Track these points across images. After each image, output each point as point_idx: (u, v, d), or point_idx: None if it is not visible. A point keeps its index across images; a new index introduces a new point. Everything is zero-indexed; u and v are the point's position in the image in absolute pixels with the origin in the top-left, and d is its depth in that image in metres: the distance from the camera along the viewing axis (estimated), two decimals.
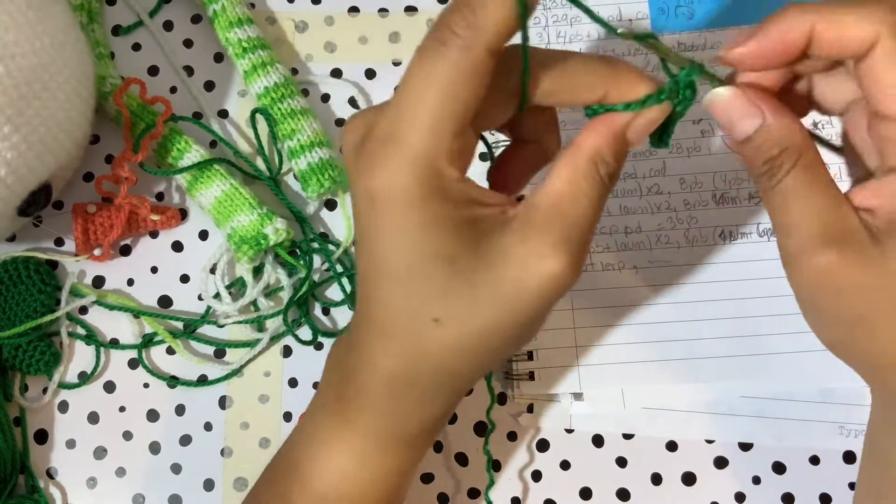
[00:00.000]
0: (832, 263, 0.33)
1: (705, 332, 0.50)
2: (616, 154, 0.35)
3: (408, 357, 0.36)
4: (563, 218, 0.34)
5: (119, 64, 0.54)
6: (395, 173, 0.33)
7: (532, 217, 0.34)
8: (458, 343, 0.35)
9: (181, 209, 0.53)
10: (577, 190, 0.34)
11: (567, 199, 0.34)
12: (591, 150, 0.34)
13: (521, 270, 0.33)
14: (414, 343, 0.35)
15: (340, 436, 0.39)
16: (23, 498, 0.48)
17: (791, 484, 0.49)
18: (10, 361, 0.49)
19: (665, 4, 0.53)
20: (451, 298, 0.34)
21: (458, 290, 0.34)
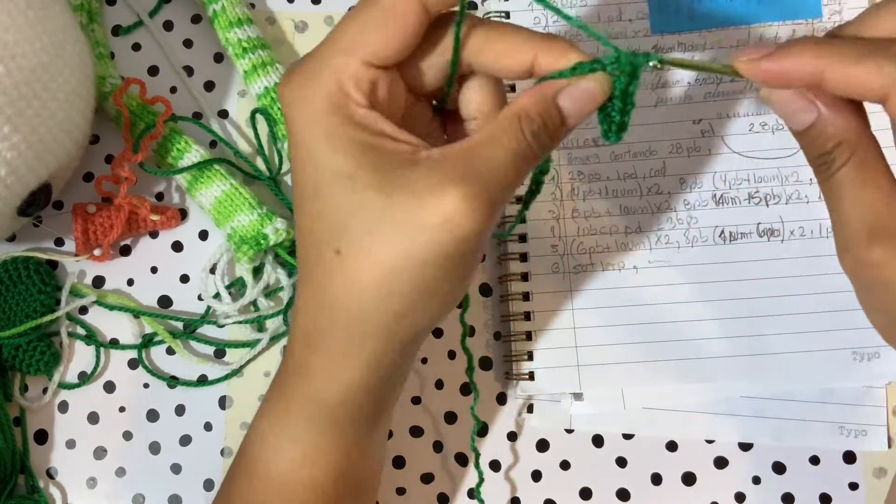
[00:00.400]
0: (880, 259, 0.34)
1: (705, 332, 0.50)
2: (542, 114, 0.35)
3: (318, 299, 0.36)
4: (473, 161, 0.34)
5: (119, 64, 0.54)
6: (304, 86, 0.35)
7: (442, 156, 0.34)
8: (360, 278, 0.34)
9: (181, 209, 0.53)
10: (493, 139, 0.34)
11: (481, 146, 0.34)
12: (516, 106, 0.35)
13: (417, 201, 0.33)
14: (322, 283, 0.35)
15: (273, 414, 0.39)
16: (23, 498, 0.48)
17: (791, 484, 0.49)
18: (10, 361, 0.49)
19: (665, 4, 0.53)
20: (351, 225, 0.34)
21: (357, 215, 0.34)
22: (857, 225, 0.34)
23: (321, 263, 0.35)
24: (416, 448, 0.50)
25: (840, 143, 0.34)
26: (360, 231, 0.34)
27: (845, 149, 0.34)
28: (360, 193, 0.34)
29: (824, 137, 0.35)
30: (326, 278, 0.35)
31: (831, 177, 0.35)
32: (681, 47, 0.52)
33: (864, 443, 0.49)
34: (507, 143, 0.34)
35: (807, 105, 0.35)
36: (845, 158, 0.34)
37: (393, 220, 0.33)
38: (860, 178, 0.34)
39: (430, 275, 0.34)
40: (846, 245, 0.35)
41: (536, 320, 0.50)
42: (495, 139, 0.34)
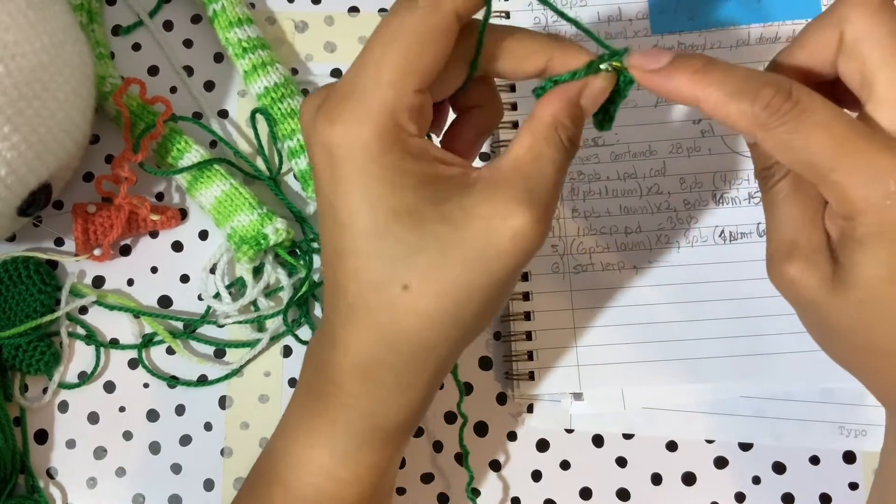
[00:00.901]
0: (794, 276, 0.35)
1: (705, 332, 0.50)
2: (574, 118, 0.36)
3: (380, 334, 0.35)
4: (526, 177, 0.34)
5: (119, 64, 0.54)
6: (354, 125, 0.33)
7: (495, 178, 0.34)
8: (431, 310, 0.34)
9: (181, 209, 0.53)
10: (538, 152, 0.35)
11: (529, 161, 0.35)
12: (550, 115, 0.35)
13: (487, 229, 0.33)
14: (385, 317, 0.35)
15: (318, 434, 0.38)
16: (23, 498, 0.48)
17: (791, 484, 0.49)
18: (10, 361, 0.49)
19: (665, 4, 0.53)
20: (419, 260, 0.34)
21: (425, 250, 0.34)
22: (781, 238, 0.36)
23: (383, 299, 0.34)
24: (416, 448, 0.50)
25: (778, 160, 0.35)
26: (430, 265, 0.34)
27: (782, 166, 0.36)
28: (425, 228, 0.33)
29: (766, 154, 0.36)
30: (390, 314, 0.35)
31: (769, 190, 0.36)
32: (680, 47, 0.52)
33: (864, 443, 0.49)
34: (552, 155, 0.35)
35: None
36: (782, 174, 0.36)
37: (464, 252, 0.34)
38: (792, 195, 0.36)
39: (495, 296, 0.35)
40: (771, 257, 0.36)
41: (536, 320, 0.50)
42: (540, 153, 0.35)
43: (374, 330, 0.35)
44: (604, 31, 0.53)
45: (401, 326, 0.35)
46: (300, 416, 0.39)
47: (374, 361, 0.36)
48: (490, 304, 0.36)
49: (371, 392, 0.37)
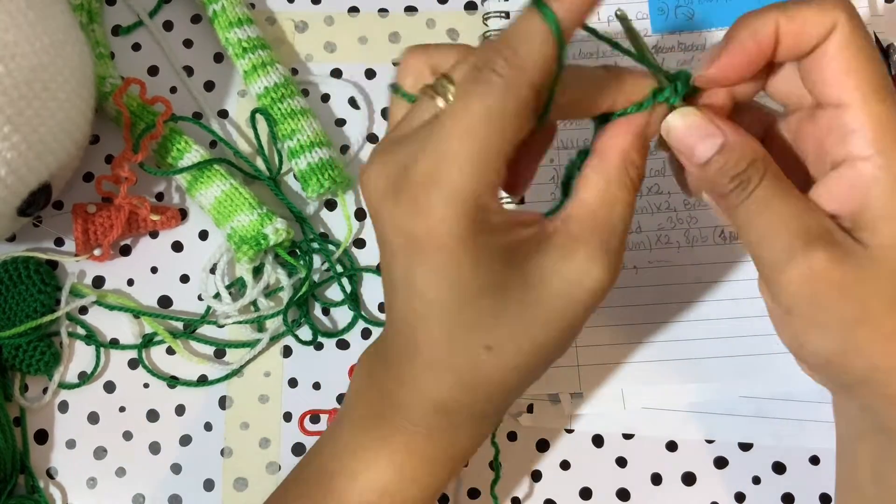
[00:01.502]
0: (822, 263, 0.33)
1: (705, 332, 0.50)
2: (641, 152, 0.36)
3: (462, 386, 0.36)
4: (602, 228, 0.35)
5: (119, 64, 0.54)
6: (440, 214, 0.32)
7: (571, 231, 0.35)
8: (513, 364, 0.36)
9: (181, 209, 0.53)
10: (611, 197, 0.35)
11: (603, 209, 0.35)
12: (619, 154, 0.35)
13: (568, 286, 0.34)
14: (468, 373, 0.36)
15: (380, 452, 0.39)
16: (23, 498, 0.48)
17: (791, 484, 0.49)
18: (10, 361, 0.49)
19: (665, 4, 0.53)
20: (504, 324, 0.35)
21: (510, 314, 0.34)
22: (789, 236, 0.34)
23: (466, 359, 0.35)
24: None
25: (754, 160, 0.35)
26: (515, 328, 0.35)
27: (759, 164, 0.35)
28: (511, 298, 0.34)
29: (736, 158, 0.35)
30: (473, 368, 0.36)
31: (749, 196, 0.35)
32: (680, 47, 0.52)
33: None
34: (623, 197, 0.35)
35: (712, 130, 0.35)
36: (762, 174, 0.34)
37: (546, 311, 0.35)
38: (780, 190, 0.35)
39: (570, 338, 0.37)
40: (778, 262, 0.34)
41: None
42: (613, 198, 0.35)
43: (456, 381, 0.36)
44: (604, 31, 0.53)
45: (482, 378, 0.36)
46: (360, 432, 0.40)
47: (454, 406, 0.37)
48: (564, 347, 0.37)
49: (448, 429, 0.38)
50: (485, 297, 0.34)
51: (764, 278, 0.36)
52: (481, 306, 0.34)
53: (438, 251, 0.33)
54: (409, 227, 0.33)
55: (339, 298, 0.52)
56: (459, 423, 0.38)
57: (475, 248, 0.33)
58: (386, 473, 0.39)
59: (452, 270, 0.33)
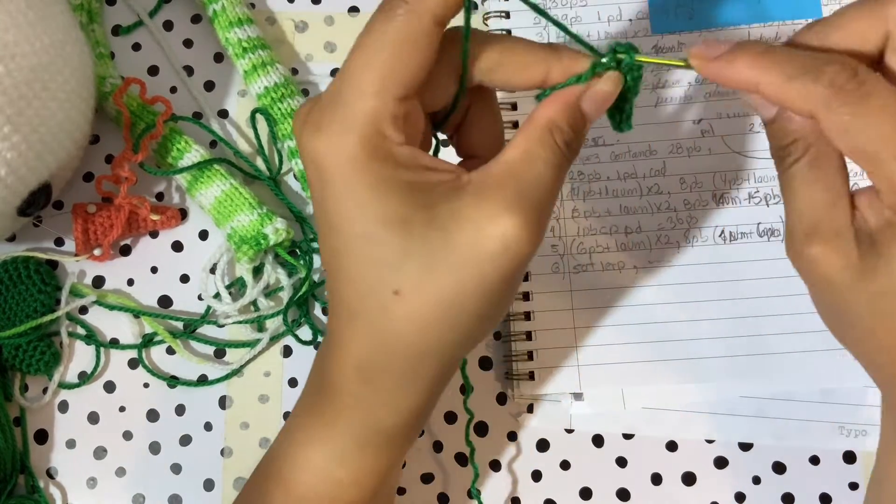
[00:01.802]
0: (815, 255, 0.34)
1: (705, 332, 0.50)
2: (571, 122, 0.35)
3: (375, 338, 0.35)
4: (518, 180, 0.34)
5: (119, 64, 0.54)
6: (338, 136, 0.33)
7: (486, 181, 0.34)
8: (422, 315, 0.34)
9: (181, 209, 0.53)
10: (531, 154, 0.34)
11: (521, 163, 0.34)
12: (544, 118, 0.35)
13: (476, 232, 0.33)
14: (378, 321, 0.35)
15: (319, 435, 0.38)
16: (23, 498, 0.48)
17: (791, 484, 0.49)
18: (10, 361, 0.50)
19: (665, 4, 0.53)
20: (409, 265, 0.34)
21: (415, 255, 0.33)
22: (801, 219, 0.35)
23: (376, 303, 0.35)
24: (416, 448, 0.50)
25: (796, 140, 0.35)
26: (421, 270, 0.33)
27: (800, 146, 0.35)
28: (416, 234, 0.33)
29: (783, 132, 0.35)
30: (384, 317, 0.35)
31: (786, 170, 0.35)
32: (681, 47, 0.52)
33: (864, 443, 0.49)
34: (546, 157, 0.34)
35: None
36: (799, 154, 0.35)
37: (453, 256, 0.33)
38: (811, 175, 0.35)
39: (490, 301, 0.35)
40: (790, 237, 0.36)
41: (536, 320, 0.50)
42: (533, 155, 0.34)
43: (372, 334, 0.35)
44: (604, 31, 0.53)
45: (395, 331, 0.35)
46: (303, 416, 0.40)
47: (372, 365, 0.36)
48: (487, 309, 0.35)
49: (369, 395, 0.37)
50: (386, 231, 0.33)
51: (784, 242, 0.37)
52: (384, 241, 0.33)
53: (338, 174, 0.33)
54: (312, 148, 0.34)
55: None
56: (379, 391, 0.37)
57: (373, 174, 0.33)
58: (322, 454, 0.38)
59: (351, 196, 0.33)
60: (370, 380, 0.36)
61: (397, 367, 0.36)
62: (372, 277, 0.34)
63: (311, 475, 0.39)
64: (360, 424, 0.38)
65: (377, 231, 0.33)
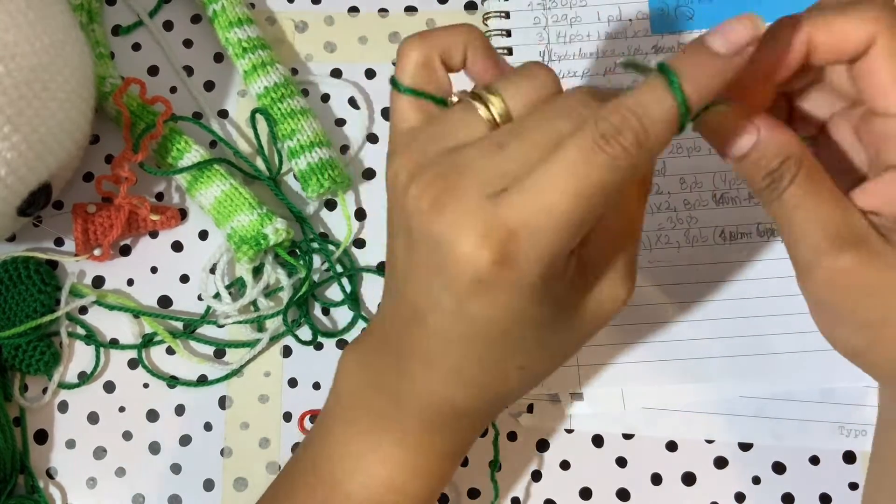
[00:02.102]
0: (849, 266, 0.33)
1: (705, 332, 0.50)
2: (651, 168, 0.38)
3: (484, 397, 0.38)
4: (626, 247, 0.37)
5: (119, 64, 0.54)
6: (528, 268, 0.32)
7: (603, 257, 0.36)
8: (534, 379, 0.39)
9: (181, 209, 0.53)
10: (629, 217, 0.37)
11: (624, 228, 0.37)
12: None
13: (600, 307, 0.37)
14: (496, 387, 0.37)
15: (384, 450, 0.39)
16: (23, 498, 0.48)
17: (791, 484, 0.49)
18: (10, 361, 0.49)
19: (665, 4, 0.53)
20: (541, 349, 0.37)
21: (549, 342, 0.37)
22: (819, 237, 0.34)
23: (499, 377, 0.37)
24: None
25: (786, 158, 0.34)
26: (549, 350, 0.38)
27: (792, 163, 0.34)
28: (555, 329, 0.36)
29: (770, 155, 0.34)
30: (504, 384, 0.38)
31: (781, 194, 0.34)
32: (681, 47, 0.52)
33: (864, 443, 0.49)
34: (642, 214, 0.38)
35: (746, 127, 0.34)
36: (794, 173, 0.34)
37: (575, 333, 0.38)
38: (813, 190, 0.34)
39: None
40: (809, 261, 0.34)
41: None
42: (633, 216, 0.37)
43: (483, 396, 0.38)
44: (604, 31, 0.53)
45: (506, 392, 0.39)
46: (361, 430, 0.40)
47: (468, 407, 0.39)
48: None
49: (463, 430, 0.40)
50: (536, 330, 0.35)
51: (796, 272, 0.36)
52: (527, 337, 0.35)
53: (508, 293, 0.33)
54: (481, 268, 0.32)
55: (339, 298, 0.52)
56: (467, 423, 0.39)
57: (545, 295, 0.34)
58: (386, 470, 0.39)
59: (512, 308, 0.33)
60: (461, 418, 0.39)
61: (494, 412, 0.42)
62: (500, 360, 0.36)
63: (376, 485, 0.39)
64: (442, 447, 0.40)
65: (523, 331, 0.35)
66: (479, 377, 0.37)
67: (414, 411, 0.38)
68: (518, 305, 0.33)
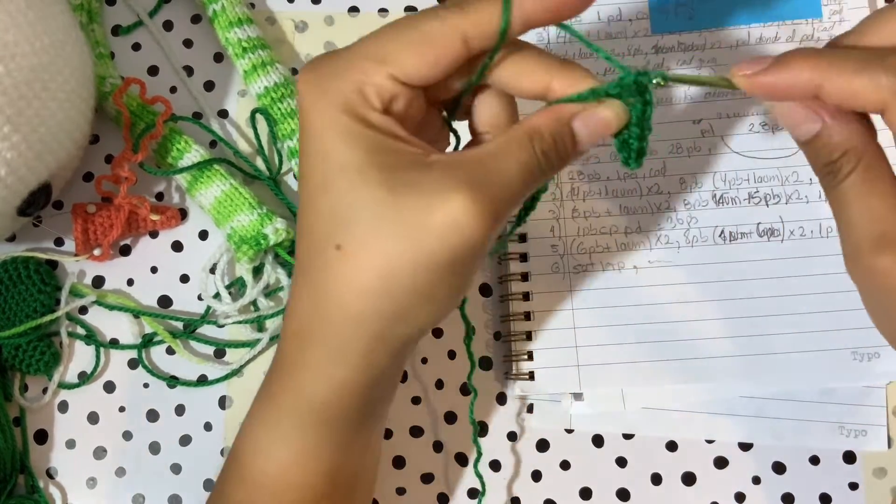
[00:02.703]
0: (887, 267, 0.34)
1: (705, 332, 0.50)
2: (555, 135, 0.35)
3: (314, 298, 0.35)
4: (483, 168, 0.34)
5: (119, 64, 0.54)
6: (324, 84, 0.34)
7: (452, 162, 0.34)
8: (360, 278, 0.34)
9: (181, 209, 0.53)
10: (505, 151, 0.35)
11: (492, 156, 0.34)
12: (529, 124, 0.35)
13: (427, 203, 0.33)
14: (319, 280, 0.35)
15: (264, 414, 0.38)
16: (23, 498, 0.48)
17: (791, 484, 0.49)
18: (10, 361, 0.49)
19: (665, 4, 0.53)
20: (355, 221, 0.33)
21: (363, 210, 0.33)
22: (864, 233, 0.34)
23: (320, 259, 0.34)
24: (416, 448, 0.50)
25: (846, 151, 0.34)
26: (364, 227, 0.33)
27: (851, 157, 0.34)
28: (367, 189, 0.33)
29: (830, 147, 0.35)
30: (324, 275, 0.34)
31: (837, 185, 0.35)
32: (680, 47, 0.52)
33: (864, 443, 0.49)
34: (518, 157, 0.34)
35: (811, 115, 0.35)
36: (851, 167, 0.34)
37: (398, 219, 0.33)
38: (867, 186, 0.34)
39: (429, 279, 0.34)
40: (854, 253, 0.35)
41: (536, 320, 0.50)
42: (507, 151, 0.34)
43: (310, 291, 0.35)
44: (604, 31, 0.53)
45: (330, 289, 0.34)
46: (259, 396, 0.40)
47: (306, 325, 0.36)
48: (428, 287, 0.34)
49: (304, 359, 0.36)
50: (344, 178, 0.34)
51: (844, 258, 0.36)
52: (339, 190, 0.34)
53: (313, 122, 0.34)
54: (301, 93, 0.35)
55: None
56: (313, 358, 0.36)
57: (342, 126, 0.34)
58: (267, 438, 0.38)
59: (318, 142, 0.34)
60: (304, 344, 0.36)
61: (330, 333, 0.35)
62: (320, 230, 0.34)
63: (260, 457, 0.38)
64: (293, 400, 0.37)
65: (333, 178, 0.34)
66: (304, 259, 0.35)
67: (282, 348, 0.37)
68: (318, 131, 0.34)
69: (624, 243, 0.51)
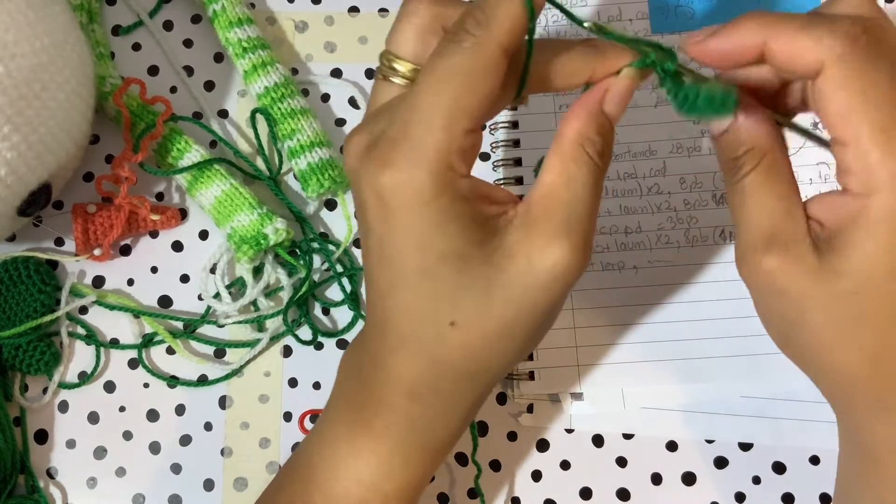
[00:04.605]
0: (772, 266, 0.34)
1: (705, 332, 0.50)
2: (599, 130, 0.35)
3: (428, 365, 0.36)
4: (559, 205, 0.34)
5: (119, 64, 0.54)
6: (407, 171, 0.33)
7: (530, 212, 0.34)
8: (476, 345, 0.35)
9: (181, 209, 0.53)
10: (568, 175, 0.35)
11: (560, 187, 0.34)
12: (573, 132, 0.35)
13: (528, 267, 0.34)
14: (433, 350, 0.36)
15: (366, 449, 0.39)
16: (23, 498, 0.48)
17: (791, 484, 0.49)
18: (10, 361, 0.50)
19: (665, 4, 0.53)
20: (465, 299, 0.35)
21: (471, 290, 0.34)
22: (756, 232, 0.34)
23: (433, 334, 0.36)
24: None
25: (750, 149, 0.35)
26: (476, 304, 0.34)
27: (754, 155, 0.35)
28: (471, 270, 0.34)
29: (736, 143, 0.35)
30: (439, 345, 0.36)
31: (738, 182, 0.35)
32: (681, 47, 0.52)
33: None
34: (583, 177, 0.35)
35: None
36: (753, 165, 0.35)
37: (508, 291, 0.34)
38: (765, 186, 0.35)
39: (539, 325, 0.36)
40: (743, 252, 0.35)
41: None
42: (571, 177, 0.34)
43: (423, 358, 0.36)
44: None
45: (448, 358, 0.36)
46: (340, 425, 0.40)
47: (422, 386, 0.37)
48: (535, 332, 0.37)
49: (419, 414, 0.38)
50: (447, 266, 0.34)
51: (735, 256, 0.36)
52: (442, 276, 0.34)
53: (402, 208, 0.33)
54: (377, 182, 0.34)
55: (339, 298, 0.52)
56: (430, 411, 0.38)
57: (438, 210, 0.33)
58: (368, 466, 0.39)
59: (413, 231, 0.34)
60: (420, 401, 0.38)
61: (446, 389, 0.37)
62: (428, 309, 0.35)
63: (355, 485, 0.39)
64: (408, 441, 0.39)
65: (436, 267, 0.34)
66: (414, 334, 0.36)
67: (377, 396, 0.38)
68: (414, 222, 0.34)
69: (624, 243, 0.51)
